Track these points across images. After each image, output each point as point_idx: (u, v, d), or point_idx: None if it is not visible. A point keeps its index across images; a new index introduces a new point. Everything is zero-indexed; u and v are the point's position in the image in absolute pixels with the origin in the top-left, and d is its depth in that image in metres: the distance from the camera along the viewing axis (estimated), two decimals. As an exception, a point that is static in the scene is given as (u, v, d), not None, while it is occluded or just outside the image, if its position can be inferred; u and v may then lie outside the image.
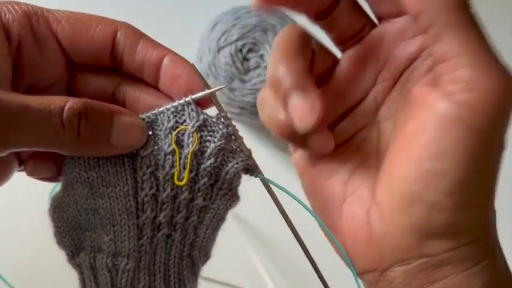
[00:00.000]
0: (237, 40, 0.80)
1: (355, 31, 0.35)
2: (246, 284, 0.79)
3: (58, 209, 0.34)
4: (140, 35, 0.34)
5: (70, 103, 0.29)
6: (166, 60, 0.33)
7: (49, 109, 0.29)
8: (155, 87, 0.35)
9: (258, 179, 0.35)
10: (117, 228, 0.33)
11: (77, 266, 0.35)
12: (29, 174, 0.35)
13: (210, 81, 0.33)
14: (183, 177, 0.33)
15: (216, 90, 0.34)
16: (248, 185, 0.36)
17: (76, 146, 0.31)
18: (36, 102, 0.29)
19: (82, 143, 0.30)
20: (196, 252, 0.35)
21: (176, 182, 0.33)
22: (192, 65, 0.34)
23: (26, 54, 0.33)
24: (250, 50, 0.81)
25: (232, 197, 0.35)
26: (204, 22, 0.86)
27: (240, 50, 0.80)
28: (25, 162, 0.35)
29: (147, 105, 0.34)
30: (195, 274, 0.36)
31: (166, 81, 0.34)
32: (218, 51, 0.81)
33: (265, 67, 0.80)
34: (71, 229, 0.35)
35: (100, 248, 0.34)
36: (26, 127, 0.28)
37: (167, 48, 0.34)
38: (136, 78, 0.35)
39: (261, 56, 0.81)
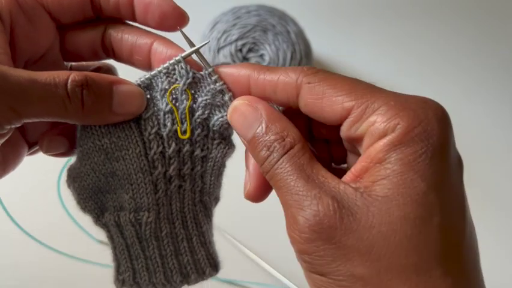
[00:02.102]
0: (237, 40, 0.80)
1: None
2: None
3: (78, 179, 0.38)
4: None
5: (73, 76, 0.32)
6: None
7: (54, 82, 0.31)
8: (135, 28, 0.37)
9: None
10: (135, 186, 0.36)
11: (104, 226, 0.39)
12: (45, 151, 0.38)
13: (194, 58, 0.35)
14: (185, 131, 0.36)
15: (202, 46, 0.36)
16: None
17: (82, 115, 0.33)
18: (42, 77, 0.31)
19: (86, 112, 0.33)
20: (207, 197, 0.39)
21: (181, 136, 0.36)
22: None
23: (19, 29, 0.35)
24: (250, 50, 0.81)
25: (227, 146, 0.38)
26: (204, 22, 0.87)
27: (240, 50, 0.80)
28: (40, 140, 0.38)
29: (129, 44, 0.37)
30: (208, 216, 0.40)
31: (140, 12, 0.36)
32: (218, 51, 0.81)
33: (265, 67, 0.80)
34: (93, 194, 0.38)
35: (122, 206, 0.38)
36: (35, 99, 0.31)
37: None
38: (118, 21, 0.38)
39: (261, 56, 0.81)
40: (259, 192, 0.35)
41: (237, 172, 0.40)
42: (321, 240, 0.28)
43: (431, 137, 0.28)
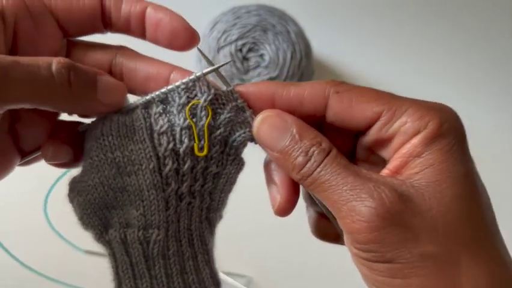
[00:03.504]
0: (237, 40, 0.80)
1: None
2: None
3: (83, 192, 0.36)
4: None
5: (57, 59, 0.31)
6: (148, 10, 0.36)
7: (37, 63, 0.30)
8: (151, 58, 0.37)
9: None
10: (146, 203, 0.35)
11: (107, 243, 0.37)
12: (50, 159, 0.36)
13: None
14: (203, 148, 0.35)
15: (224, 64, 0.36)
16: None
17: (68, 98, 0.32)
18: (25, 59, 0.30)
19: (73, 95, 0.32)
20: (213, 214, 0.38)
21: (198, 153, 0.35)
22: (177, 15, 0.36)
23: (23, 32, 0.34)
24: (250, 50, 0.81)
25: (240, 162, 0.37)
26: (204, 22, 0.87)
27: (240, 50, 0.80)
28: (44, 147, 0.36)
29: (144, 74, 0.36)
30: (212, 233, 0.39)
31: (150, 28, 0.36)
32: (218, 50, 0.81)
33: (265, 67, 0.80)
34: (98, 209, 0.37)
35: (128, 223, 0.36)
36: (18, 80, 0.30)
37: (149, 1, 0.36)
38: (130, 50, 0.37)
39: (261, 56, 0.81)
40: (289, 204, 0.35)
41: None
42: (391, 225, 0.29)
43: (456, 131, 0.32)
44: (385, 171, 0.33)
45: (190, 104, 0.35)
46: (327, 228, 0.39)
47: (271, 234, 0.67)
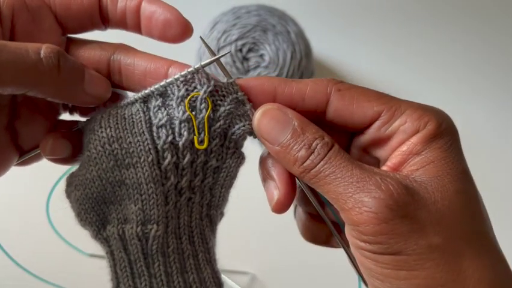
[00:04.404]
0: (237, 40, 0.80)
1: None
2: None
3: (81, 187, 0.35)
4: None
5: (47, 45, 0.31)
6: (143, 3, 0.36)
7: (26, 48, 0.30)
8: (148, 54, 0.37)
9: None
10: (145, 197, 0.34)
11: (105, 240, 0.36)
12: (48, 153, 0.36)
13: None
14: (202, 141, 0.35)
15: (223, 55, 0.36)
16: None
17: (57, 83, 0.32)
18: (13, 43, 0.30)
19: (62, 81, 0.32)
20: (214, 211, 0.38)
21: (198, 146, 0.35)
22: (170, 6, 0.36)
23: (21, 26, 0.34)
24: (250, 50, 0.81)
25: (240, 155, 0.37)
26: (204, 22, 0.87)
27: (240, 50, 0.80)
28: (43, 141, 0.36)
29: (141, 69, 0.36)
30: (213, 231, 0.38)
31: (144, 21, 0.36)
32: (218, 51, 0.81)
33: (265, 67, 0.80)
34: (96, 204, 0.36)
35: (127, 219, 0.35)
36: (4, 63, 0.29)
37: None
38: (128, 47, 0.37)
39: (261, 56, 0.81)
40: (288, 199, 0.35)
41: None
42: (398, 217, 0.30)
43: (452, 132, 0.33)
44: (384, 168, 0.33)
45: (189, 96, 0.34)
46: (317, 230, 0.39)
47: (274, 231, 0.67)
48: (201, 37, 0.36)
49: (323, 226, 0.39)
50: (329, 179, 0.32)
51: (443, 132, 0.32)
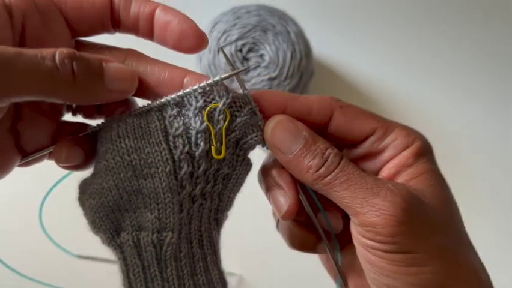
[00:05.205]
0: (237, 40, 0.80)
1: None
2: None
3: (96, 195, 0.36)
4: None
5: (60, 49, 0.31)
6: (157, 11, 0.36)
7: (42, 54, 0.30)
8: (162, 62, 0.36)
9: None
10: (161, 206, 0.35)
11: (118, 247, 0.37)
12: (63, 161, 0.36)
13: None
14: (220, 151, 0.36)
15: (242, 70, 0.38)
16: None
17: (73, 89, 0.31)
18: (29, 50, 0.30)
19: (78, 85, 0.31)
20: (221, 214, 0.39)
21: (215, 156, 0.36)
22: (186, 17, 0.36)
23: (31, 29, 0.34)
24: (250, 50, 0.81)
25: (249, 162, 0.38)
26: (204, 22, 0.87)
27: (240, 50, 0.80)
28: (57, 148, 0.36)
29: (155, 78, 0.36)
30: (219, 233, 0.40)
31: (159, 30, 0.36)
32: (218, 51, 0.81)
33: (265, 67, 0.80)
34: (110, 212, 0.36)
35: (141, 226, 0.36)
36: (22, 72, 0.29)
37: (158, 2, 0.36)
38: (139, 53, 0.37)
39: (261, 56, 0.81)
40: (297, 206, 0.37)
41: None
42: (413, 219, 0.33)
43: (431, 150, 0.38)
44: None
45: (208, 108, 0.35)
46: (304, 237, 0.41)
47: (262, 232, 0.67)
48: (221, 48, 0.38)
49: (310, 234, 0.41)
50: (345, 185, 0.34)
51: (427, 149, 0.37)
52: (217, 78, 0.35)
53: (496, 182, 0.83)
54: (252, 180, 0.40)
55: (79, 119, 0.39)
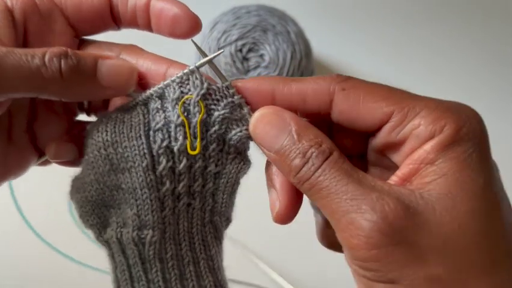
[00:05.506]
0: (237, 40, 0.80)
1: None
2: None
3: (81, 190, 0.35)
4: None
5: (52, 48, 0.31)
6: (152, 1, 0.35)
7: (32, 53, 0.31)
8: (153, 54, 0.36)
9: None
10: (139, 202, 0.33)
11: (105, 243, 0.36)
12: (52, 156, 0.37)
13: (204, 70, 0.34)
14: (195, 147, 0.33)
15: (216, 55, 0.35)
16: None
17: (61, 85, 0.31)
18: (21, 50, 0.31)
19: (66, 83, 0.31)
20: (217, 217, 0.36)
21: (190, 152, 0.33)
22: (179, 2, 0.35)
23: (33, 30, 0.35)
24: (250, 50, 0.81)
25: (243, 161, 0.35)
26: (204, 22, 0.86)
27: (240, 50, 0.80)
28: (47, 145, 0.37)
29: (143, 70, 0.35)
30: (218, 238, 0.37)
31: (154, 18, 0.35)
32: (218, 51, 0.81)
33: (265, 67, 0.80)
34: (96, 207, 0.35)
35: (125, 223, 0.35)
36: (10, 69, 0.30)
37: None
38: (135, 47, 0.37)
39: (261, 56, 0.81)
40: (289, 211, 0.33)
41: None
42: (393, 243, 0.26)
43: (476, 136, 0.28)
44: (393, 179, 0.30)
45: (182, 99, 0.33)
46: (333, 237, 0.35)
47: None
48: (192, 40, 0.35)
49: None
50: (323, 193, 0.29)
51: (462, 138, 0.28)
52: (192, 67, 0.33)
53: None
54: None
55: (93, 118, 0.40)
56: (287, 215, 0.33)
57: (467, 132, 0.28)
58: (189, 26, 0.34)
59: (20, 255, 0.72)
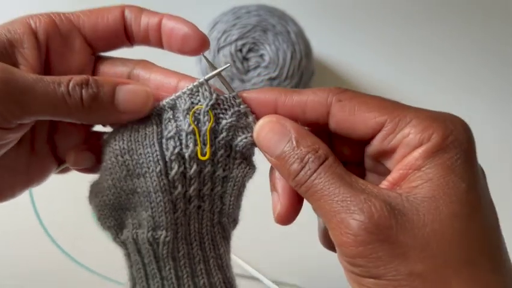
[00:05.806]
0: (236, 40, 0.80)
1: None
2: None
3: (99, 194, 0.38)
4: (142, 9, 0.39)
5: (76, 76, 0.34)
6: (164, 20, 0.38)
7: (59, 80, 0.34)
8: (165, 69, 0.39)
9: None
10: (154, 205, 0.36)
11: (122, 243, 0.39)
12: (72, 164, 0.40)
13: (210, 81, 0.36)
14: (205, 153, 0.36)
15: (223, 69, 0.38)
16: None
17: (82, 112, 0.35)
18: (49, 77, 0.34)
19: (86, 109, 0.34)
20: (225, 218, 0.39)
21: (200, 157, 0.36)
22: (188, 22, 0.38)
23: (54, 49, 0.38)
24: (250, 50, 0.81)
25: (248, 166, 0.38)
26: (204, 22, 0.86)
27: (240, 50, 0.80)
28: (67, 153, 0.40)
29: (156, 83, 0.38)
30: (226, 238, 0.40)
31: (165, 37, 0.38)
32: (218, 51, 0.81)
33: (265, 67, 0.80)
34: (114, 210, 0.38)
35: (140, 224, 0.38)
36: (39, 95, 0.33)
37: (166, 13, 0.39)
38: (148, 63, 0.40)
39: (261, 56, 0.81)
40: (290, 213, 0.36)
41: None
42: (378, 241, 0.29)
43: (461, 144, 0.31)
44: (385, 183, 0.32)
45: (193, 109, 0.36)
46: None
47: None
48: (203, 55, 0.38)
49: None
50: (318, 195, 0.31)
51: (448, 146, 0.30)
52: (201, 79, 0.37)
53: (498, 180, 0.83)
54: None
55: (108, 128, 0.42)
56: (287, 216, 0.36)
57: (453, 140, 0.30)
58: (198, 44, 0.37)
59: (33, 257, 0.72)
